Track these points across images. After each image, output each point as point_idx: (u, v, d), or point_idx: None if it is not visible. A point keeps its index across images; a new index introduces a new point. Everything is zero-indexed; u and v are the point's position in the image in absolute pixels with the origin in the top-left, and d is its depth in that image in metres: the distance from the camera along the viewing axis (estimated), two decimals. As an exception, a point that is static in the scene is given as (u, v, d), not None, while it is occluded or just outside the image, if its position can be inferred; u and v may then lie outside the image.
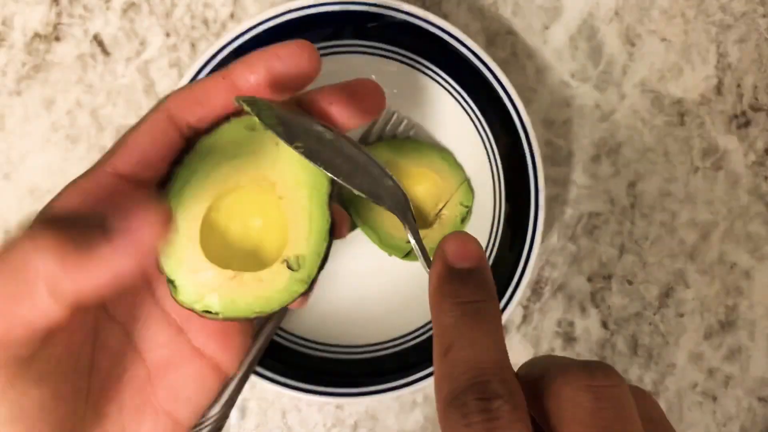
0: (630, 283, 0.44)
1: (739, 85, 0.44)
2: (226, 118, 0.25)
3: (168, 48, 0.43)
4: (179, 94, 0.25)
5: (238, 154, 0.26)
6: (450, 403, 0.18)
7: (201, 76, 0.38)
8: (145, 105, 0.43)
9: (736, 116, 0.44)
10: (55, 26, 0.43)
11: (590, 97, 0.43)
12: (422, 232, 0.40)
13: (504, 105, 0.38)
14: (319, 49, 0.40)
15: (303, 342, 0.41)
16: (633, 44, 0.43)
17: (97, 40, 0.43)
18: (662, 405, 0.44)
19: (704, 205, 0.44)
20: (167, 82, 0.43)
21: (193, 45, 0.43)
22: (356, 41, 0.40)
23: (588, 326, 0.44)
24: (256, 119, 0.23)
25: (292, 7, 0.37)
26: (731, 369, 0.44)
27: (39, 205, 0.44)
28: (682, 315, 0.44)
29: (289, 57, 0.24)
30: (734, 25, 0.44)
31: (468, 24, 0.43)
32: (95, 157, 0.43)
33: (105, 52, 0.43)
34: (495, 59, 0.41)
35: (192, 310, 0.26)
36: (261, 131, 0.25)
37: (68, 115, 0.43)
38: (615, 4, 0.43)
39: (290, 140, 0.23)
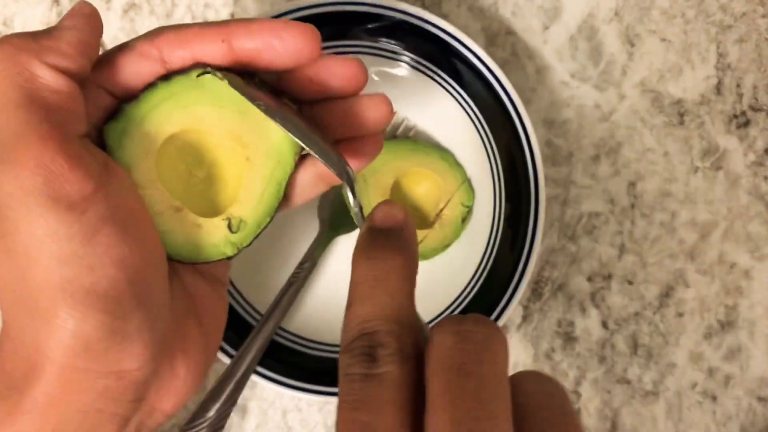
0: (630, 283, 0.44)
1: (738, 85, 0.44)
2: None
3: (168, 48, 0.43)
4: (176, 32, 0.25)
5: (224, 104, 0.26)
6: (341, 354, 0.19)
7: None
8: (146, 105, 0.43)
9: (735, 116, 0.44)
10: (56, 26, 0.43)
11: (590, 97, 0.43)
12: (423, 233, 0.40)
13: (504, 105, 0.38)
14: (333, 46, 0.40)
15: (303, 341, 0.41)
16: (633, 44, 0.43)
17: (98, 41, 0.43)
18: (662, 405, 0.44)
19: (704, 205, 0.44)
20: (167, 82, 0.43)
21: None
22: (356, 42, 0.40)
23: (588, 326, 0.44)
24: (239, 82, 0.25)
25: (292, 8, 0.37)
26: (731, 369, 0.44)
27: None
28: (681, 315, 0.44)
29: (290, 39, 0.25)
30: (734, 25, 0.44)
31: (468, 24, 0.43)
32: (96, 157, 0.43)
33: (105, 52, 0.43)
34: (495, 59, 0.41)
35: None
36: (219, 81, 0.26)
37: (69, 115, 0.43)
38: (615, 4, 0.43)
39: (252, 99, 0.24)
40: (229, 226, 0.27)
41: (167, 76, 0.25)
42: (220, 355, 0.39)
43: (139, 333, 0.23)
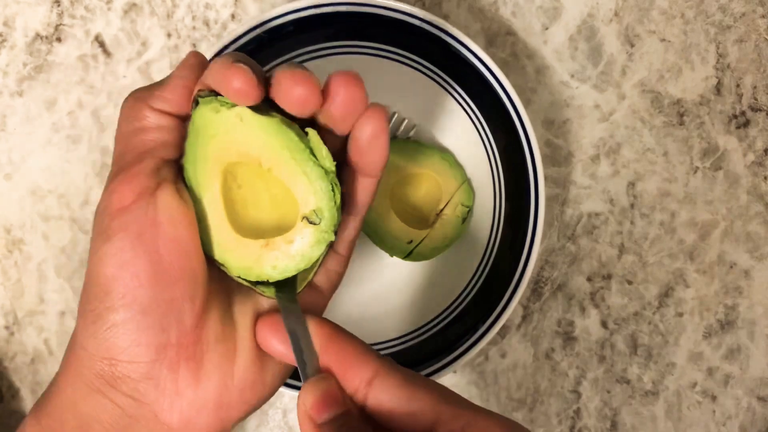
0: (630, 282, 0.44)
1: (738, 86, 0.44)
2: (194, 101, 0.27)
3: (169, 49, 0.43)
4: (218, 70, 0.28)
5: (216, 134, 0.27)
6: None
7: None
8: (147, 105, 0.43)
9: (735, 116, 0.44)
10: (57, 27, 0.43)
11: (590, 98, 0.44)
12: (423, 232, 0.40)
13: (504, 105, 0.38)
14: (320, 49, 0.40)
15: None
16: (632, 44, 0.43)
17: (99, 41, 0.43)
18: (662, 404, 0.44)
19: (704, 205, 0.44)
20: (168, 82, 0.43)
21: (194, 46, 0.43)
22: (357, 42, 0.40)
23: (588, 326, 0.44)
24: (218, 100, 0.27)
25: (293, 8, 0.38)
26: (731, 368, 0.44)
27: (41, 206, 0.44)
28: (681, 314, 0.44)
29: (294, 94, 0.26)
30: (734, 25, 0.44)
31: (468, 25, 0.43)
32: (96, 157, 0.43)
33: (106, 52, 0.43)
34: (495, 60, 0.41)
35: (248, 282, 0.28)
36: (225, 111, 0.27)
37: (69, 115, 0.43)
38: (614, 5, 0.43)
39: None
40: (311, 222, 0.28)
41: (197, 102, 0.27)
42: None
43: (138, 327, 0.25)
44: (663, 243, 0.44)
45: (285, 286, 0.28)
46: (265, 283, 0.28)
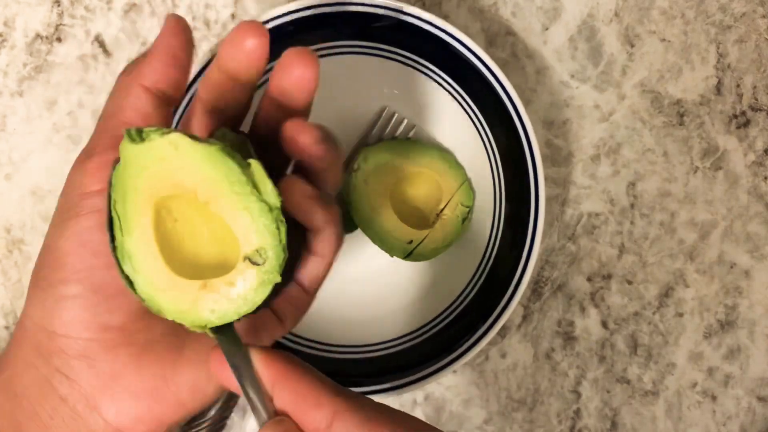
0: (629, 282, 0.44)
1: (738, 86, 0.44)
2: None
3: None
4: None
5: (147, 165, 0.25)
6: None
7: (201, 76, 0.38)
8: (147, 105, 0.43)
9: (735, 116, 0.44)
10: (57, 27, 0.43)
11: (590, 98, 0.44)
12: (423, 232, 0.40)
13: (504, 105, 0.38)
14: (320, 49, 0.40)
15: (304, 342, 0.41)
16: (632, 45, 0.43)
17: (99, 41, 0.43)
18: (662, 404, 0.44)
19: (704, 205, 0.44)
20: (168, 82, 0.43)
21: (194, 46, 0.43)
22: (357, 42, 0.40)
23: (588, 326, 0.44)
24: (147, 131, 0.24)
25: (293, 8, 0.38)
26: (731, 368, 0.44)
27: (41, 206, 0.44)
28: (681, 314, 0.44)
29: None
30: (734, 25, 0.44)
31: (468, 25, 0.43)
32: (97, 157, 0.43)
33: (106, 52, 0.43)
34: (495, 60, 0.41)
35: (189, 328, 0.25)
36: (153, 139, 0.24)
37: (70, 115, 0.43)
38: (615, 5, 0.43)
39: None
40: (254, 263, 0.25)
41: (141, 132, 0.24)
42: None
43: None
44: (663, 243, 0.44)
45: (225, 326, 0.26)
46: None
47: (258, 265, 0.25)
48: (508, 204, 0.40)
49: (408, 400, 0.44)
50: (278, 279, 0.25)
